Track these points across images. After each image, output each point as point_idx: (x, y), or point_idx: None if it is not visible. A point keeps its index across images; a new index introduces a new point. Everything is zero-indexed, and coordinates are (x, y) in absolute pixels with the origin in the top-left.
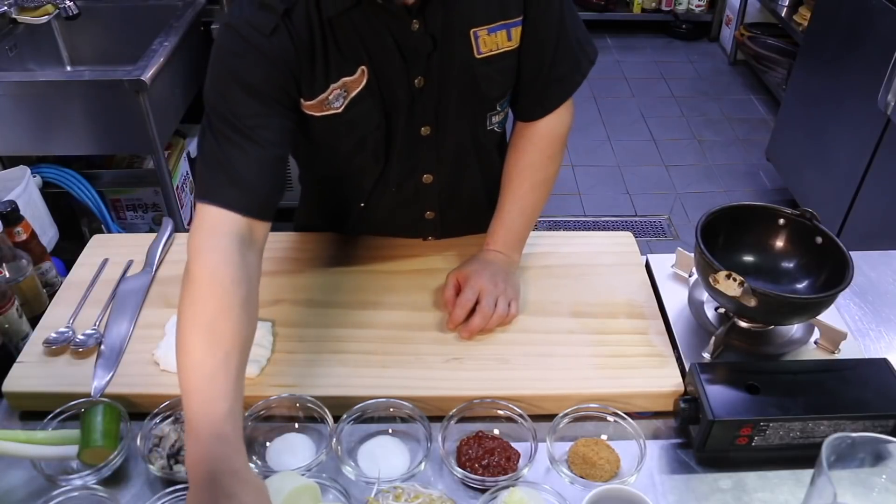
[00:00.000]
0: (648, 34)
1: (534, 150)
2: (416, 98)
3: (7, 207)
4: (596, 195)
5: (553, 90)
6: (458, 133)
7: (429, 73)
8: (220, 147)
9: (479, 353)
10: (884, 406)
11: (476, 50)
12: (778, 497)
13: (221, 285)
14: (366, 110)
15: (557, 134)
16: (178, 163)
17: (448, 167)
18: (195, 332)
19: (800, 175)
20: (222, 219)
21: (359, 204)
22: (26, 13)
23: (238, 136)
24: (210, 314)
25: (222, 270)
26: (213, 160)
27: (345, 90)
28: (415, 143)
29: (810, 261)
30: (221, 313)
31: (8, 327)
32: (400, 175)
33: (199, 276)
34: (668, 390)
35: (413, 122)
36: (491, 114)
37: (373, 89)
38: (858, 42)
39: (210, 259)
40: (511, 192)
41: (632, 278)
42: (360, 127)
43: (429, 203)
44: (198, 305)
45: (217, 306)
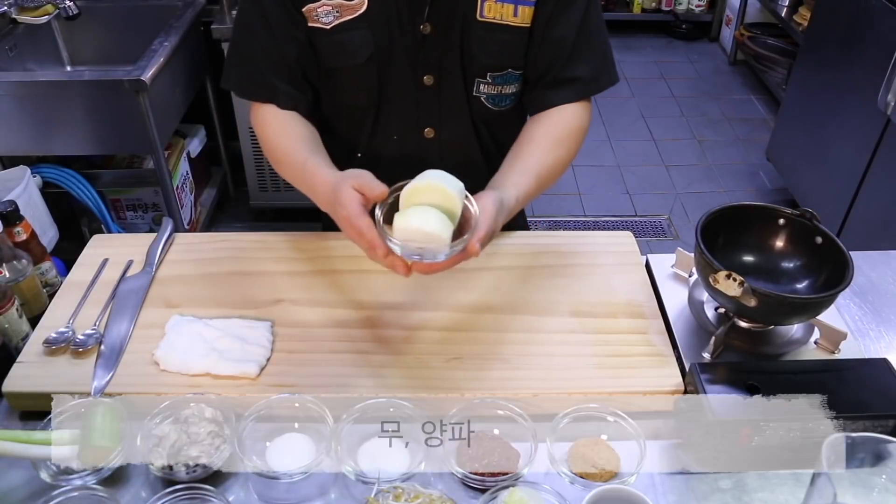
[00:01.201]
0: (648, 34)
1: (550, 127)
2: (419, 44)
3: (7, 207)
4: (596, 195)
5: (564, 89)
6: (458, 91)
7: (435, 21)
8: (249, 38)
9: (479, 353)
10: (884, 406)
11: (479, 11)
12: (778, 497)
13: (286, 130)
14: (357, 39)
15: (573, 124)
16: (178, 163)
17: (449, 125)
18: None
19: (800, 175)
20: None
21: (357, 153)
22: (26, 13)
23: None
24: (286, 144)
25: (282, 122)
26: (243, 53)
27: (337, 10)
28: (417, 91)
29: (810, 261)
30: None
31: (8, 327)
32: (400, 125)
33: (271, 137)
34: (668, 390)
35: (416, 69)
36: (480, 80)
37: (371, 21)
38: (858, 42)
39: (273, 124)
40: (529, 154)
41: (632, 278)
42: (348, 53)
43: (430, 159)
44: (278, 150)
45: (288, 140)
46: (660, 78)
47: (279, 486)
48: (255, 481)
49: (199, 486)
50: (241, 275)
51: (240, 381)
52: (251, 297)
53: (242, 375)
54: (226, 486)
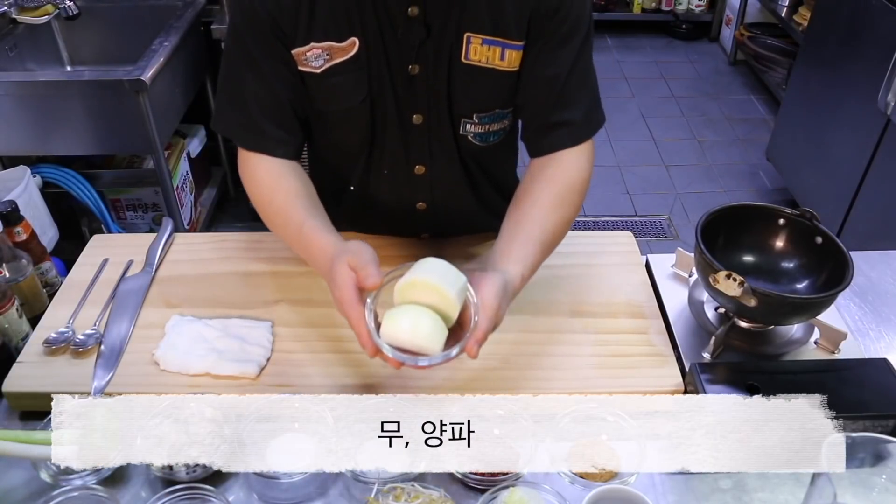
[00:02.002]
0: (648, 34)
1: (552, 185)
2: (409, 84)
3: (7, 207)
4: (596, 195)
5: (557, 133)
6: (446, 130)
7: (423, 62)
8: (238, 84)
9: (480, 352)
10: (884, 406)
11: (464, 54)
12: (778, 497)
13: (281, 185)
14: (350, 82)
15: (576, 177)
16: (178, 163)
17: (439, 162)
18: (282, 216)
19: (800, 175)
20: (258, 157)
21: (349, 187)
22: (26, 13)
23: (256, 76)
24: (281, 202)
25: (276, 174)
26: (232, 100)
27: (328, 54)
28: (406, 130)
29: (810, 261)
30: (288, 196)
31: (8, 327)
32: (391, 162)
33: (264, 192)
34: (668, 390)
35: (405, 109)
36: (466, 120)
37: (361, 63)
38: (858, 42)
39: (265, 178)
40: (533, 221)
41: (632, 278)
42: (342, 97)
43: (421, 194)
44: (271, 207)
45: (282, 197)
46: (660, 78)
47: (279, 486)
48: (255, 481)
49: (199, 486)
50: (241, 275)
51: (240, 381)
52: (251, 297)
53: (242, 375)
54: (226, 486)
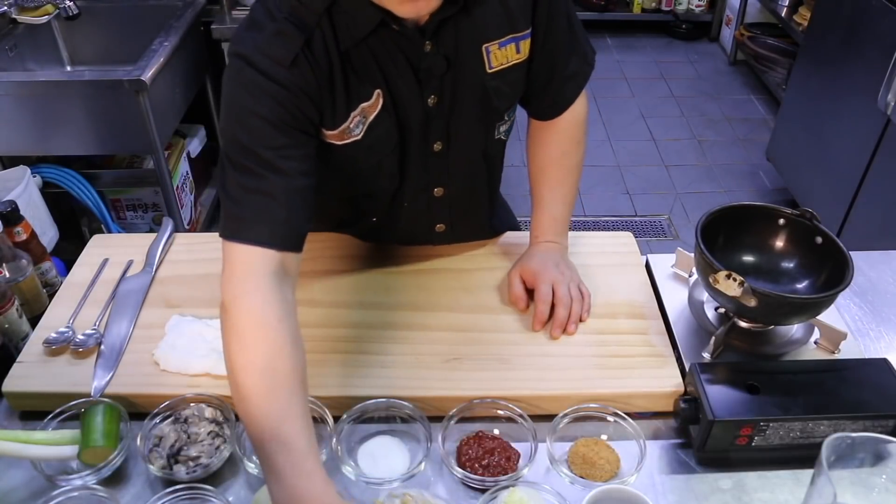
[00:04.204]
0: (648, 34)
1: (558, 140)
2: (429, 116)
3: (7, 207)
4: (596, 195)
5: (567, 88)
6: (468, 146)
7: (441, 92)
8: (244, 182)
9: (479, 353)
10: (884, 406)
11: (488, 65)
12: (778, 497)
13: (269, 326)
14: (384, 133)
15: (577, 121)
16: (178, 163)
17: (458, 180)
18: (253, 379)
19: (800, 175)
20: (254, 257)
21: (371, 219)
22: (26, 13)
23: (262, 169)
24: (264, 358)
25: (266, 312)
26: (238, 196)
27: (363, 116)
28: (427, 158)
29: (810, 261)
30: (276, 355)
31: (8, 327)
32: (413, 191)
33: (244, 322)
34: (668, 390)
35: (426, 140)
36: (499, 124)
37: (389, 111)
38: (858, 42)
39: (251, 303)
40: (547, 183)
41: (632, 278)
42: (378, 150)
43: (440, 215)
44: (249, 351)
45: (269, 348)
46: (660, 78)
47: None
48: (255, 481)
49: (199, 486)
50: None
51: None
52: None
53: None
54: (226, 486)
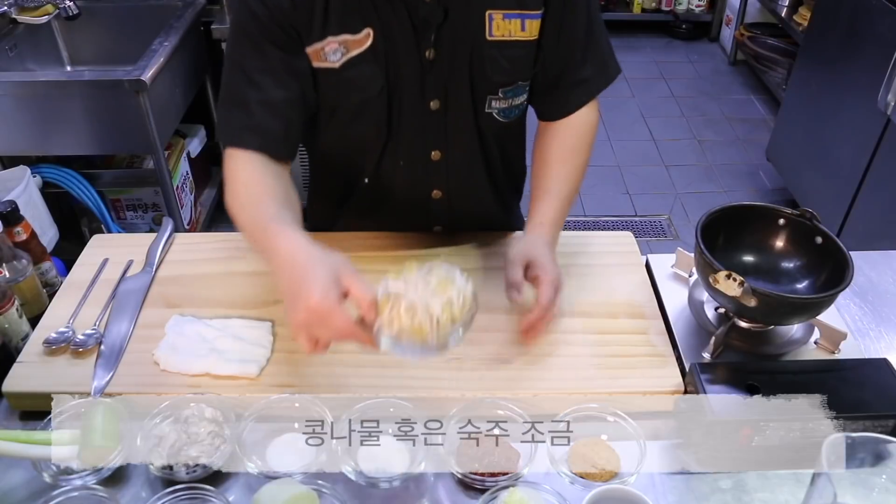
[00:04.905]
0: (648, 34)
1: (563, 139)
2: (426, 70)
3: (7, 207)
4: (596, 195)
5: (575, 92)
6: (465, 112)
7: (440, 46)
8: (235, 90)
9: (479, 353)
10: (884, 406)
11: (488, 31)
12: (778, 497)
13: (261, 181)
14: (367, 74)
15: (585, 128)
16: (178, 163)
17: (456, 146)
18: (240, 200)
19: (800, 175)
20: (247, 155)
21: (363, 179)
22: (26, 13)
23: (250, 82)
24: (255, 194)
25: (259, 172)
26: (229, 103)
27: (344, 47)
28: (424, 117)
29: (810, 261)
30: (265, 191)
31: (8, 327)
32: (408, 150)
33: (239, 186)
34: (668, 390)
35: (422, 95)
36: (491, 97)
37: (378, 54)
38: (858, 42)
39: (243, 173)
40: (548, 177)
41: (632, 278)
42: (359, 89)
43: (436, 181)
44: (242, 197)
45: (259, 190)
46: (660, 78)
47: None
48: (255, 481)
49: (199, 486)
50: (241, 275)
51: (240, 381)
52: (251, 297)
53: (242, 375)
54: (226, 486)
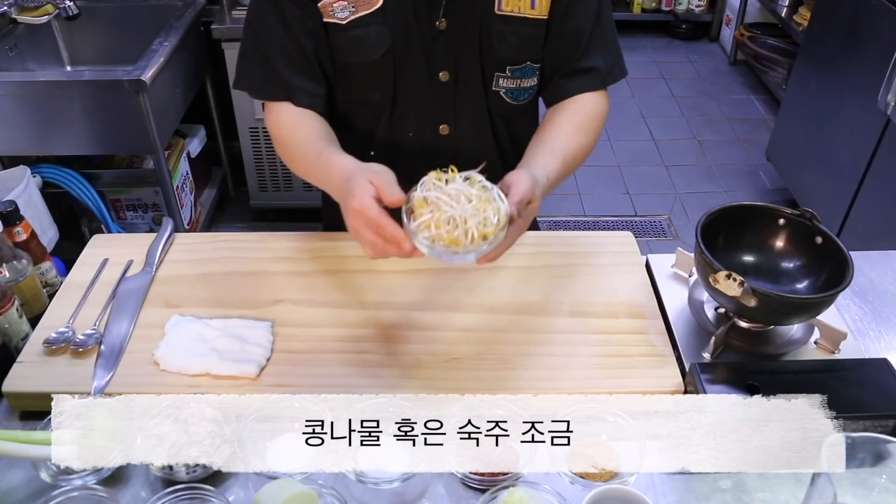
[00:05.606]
0: (648, 34)
1: (572, 115)
2: (435, 39)
3: (7, 207)
4: (596, 195)
5: (578, 79)
6: (474, 87)
7: (451, 17)
8: (257, 46)
9: (479, 353)
10: (884, 406)
11: (497, 5)
12: (778, 497)
13: (298, 125)
14: (374, 34)
15: (594, 109)
16: (178, 163)
17: (465, 122)
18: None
19: (800, 175)
20: (279, 106)
21: (370, 151)
22: (26, 13)
23: (269, 36)
24: (298, 137)
25: (292, 118)
26: (251, 58)
27: (353, 6)
28: (433, 87)
29: (810, 261)
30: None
31: (8, 327)
32: (416, 121)
33: (284, 133)
34: (668, 390)
35: (431, 65)
36: (499, 74)
37: (387, 16)
38: (858, 42)
39: (283, 126)
40: (551, 136)
41: (632, 278)
42: (364, 49)
43: (445, 157)
44: (290, 143)
45: (300, 134)
46: (660, 78)
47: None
48: (255, 481)
49: (199, 486)
50: (241, 275)
51: (240, 381)
52: (251, 297)
53: (242, 375)
54: (226, 486)
